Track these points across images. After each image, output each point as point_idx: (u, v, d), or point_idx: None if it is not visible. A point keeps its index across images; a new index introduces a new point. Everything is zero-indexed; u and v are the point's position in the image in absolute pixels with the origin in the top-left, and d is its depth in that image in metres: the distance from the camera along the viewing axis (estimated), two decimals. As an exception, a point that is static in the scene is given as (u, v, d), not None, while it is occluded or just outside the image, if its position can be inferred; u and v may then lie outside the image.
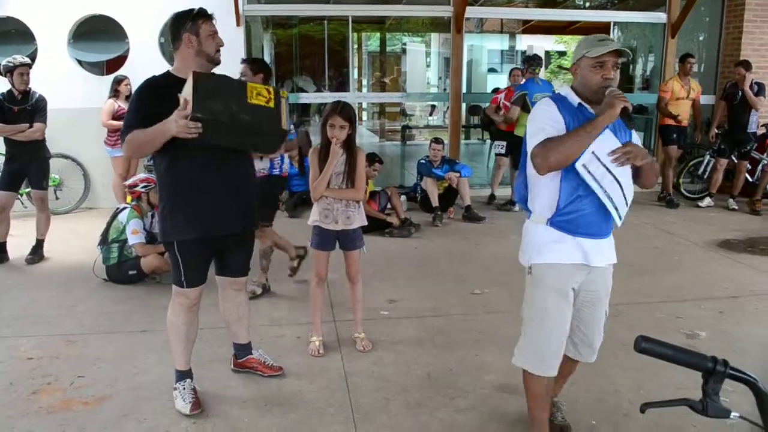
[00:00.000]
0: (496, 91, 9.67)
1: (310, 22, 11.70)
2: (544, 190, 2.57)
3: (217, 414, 3.15)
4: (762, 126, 8.34)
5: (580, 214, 2.50)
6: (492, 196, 8.44)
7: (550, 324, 2.59)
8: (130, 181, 5.49)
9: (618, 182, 2.46)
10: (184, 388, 3.19)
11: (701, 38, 10.10)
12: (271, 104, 2.86)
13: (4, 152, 5.87)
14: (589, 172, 2.41)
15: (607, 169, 2.43)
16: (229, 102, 2.76)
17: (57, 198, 7.69)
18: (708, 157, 8.48)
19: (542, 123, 2.48)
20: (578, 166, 2.40)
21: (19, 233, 6.14)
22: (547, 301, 2.58)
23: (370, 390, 3.39)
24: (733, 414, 1.16)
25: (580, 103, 2.53)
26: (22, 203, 7.16)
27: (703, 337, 4.11)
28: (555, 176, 2.50)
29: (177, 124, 2.70)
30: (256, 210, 3.32)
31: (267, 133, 2.95)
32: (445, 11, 8.99)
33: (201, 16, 3.00)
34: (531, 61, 7.92)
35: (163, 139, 2.80)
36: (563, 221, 2.53)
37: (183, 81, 2.90)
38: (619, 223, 2.53)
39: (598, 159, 2.41)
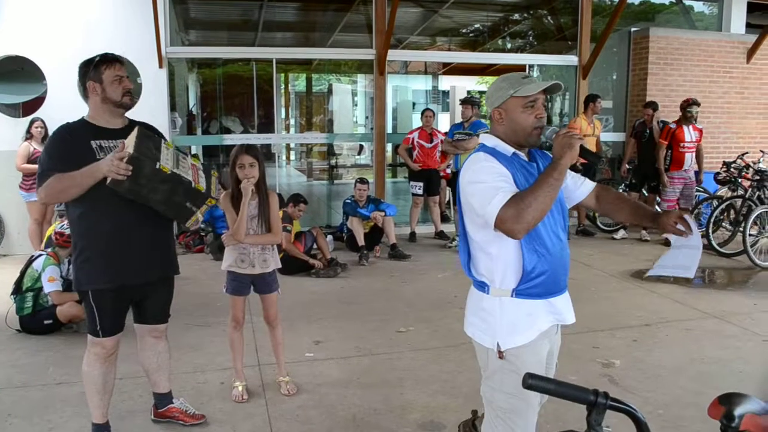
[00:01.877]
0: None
1: (237, 62, 11.72)
2: (504, 255, 2.15)
3: (136, 467, 3.07)
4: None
5: (549, 274, 2.15)
6: (413, 234, 8.60)
7: (532, 412, 2.22)
8: (59, 228, 5.27)
9: None
10: (101, 442, 3.09)
11: (614, 77, 10.69)
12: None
13: None
14: None
15: None
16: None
17: (-32, 246, 7.37)
18: (620, 191, 8.91)
19: (494, 182, 2.06)
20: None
21: (-75, 284, 5.84)
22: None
23: (294, 434, 3.37)
24: (615, 443, 1.25)
25: (514, 153, 2.21)
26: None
27: (618, 365, 4.28)
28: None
29: (111, 164, 2.64)
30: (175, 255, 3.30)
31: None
32: (368, 54, 9.22)
33: (103, 62, 2.91)
34: (476, 101, 8.11)
35: (92, 181, 2.73)
36: (532, 287, 2.14)
37: (97, 128, 2.91)
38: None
39: None
